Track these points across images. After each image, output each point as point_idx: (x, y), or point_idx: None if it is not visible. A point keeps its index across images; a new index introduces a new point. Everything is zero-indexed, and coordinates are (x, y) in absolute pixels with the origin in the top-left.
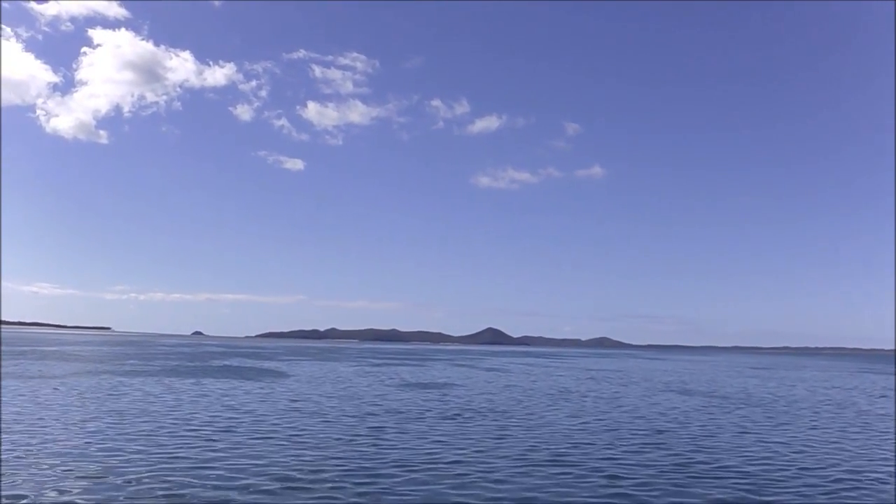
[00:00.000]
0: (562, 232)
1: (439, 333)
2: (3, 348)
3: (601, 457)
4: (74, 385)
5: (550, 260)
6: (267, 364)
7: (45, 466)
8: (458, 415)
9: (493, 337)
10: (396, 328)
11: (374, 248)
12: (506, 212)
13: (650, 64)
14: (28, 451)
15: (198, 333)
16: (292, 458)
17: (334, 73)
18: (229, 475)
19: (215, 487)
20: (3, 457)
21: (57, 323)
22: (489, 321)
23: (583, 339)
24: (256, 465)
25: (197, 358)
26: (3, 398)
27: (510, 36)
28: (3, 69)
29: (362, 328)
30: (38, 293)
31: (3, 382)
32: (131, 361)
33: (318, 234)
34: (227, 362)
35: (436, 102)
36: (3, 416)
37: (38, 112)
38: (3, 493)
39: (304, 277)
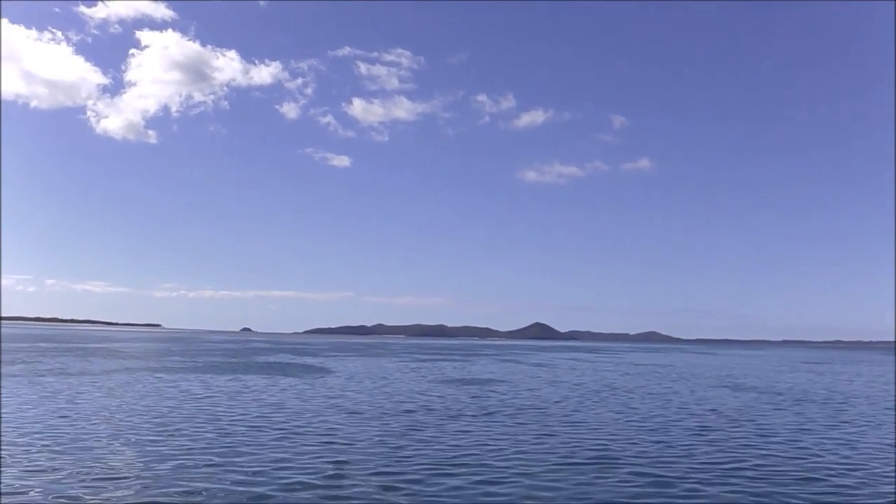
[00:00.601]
0: (609, 226)
1: (486, 328)
2: (52, 345)
3: (648, 457)
4: (112, 381)
5: (598, 254)
6: (310, 360)
7: (65, 461)
8: (499, 412)
9: (540, 332)
10: (443, 324)
11: (421, 244)
12: (553, 206)
13: (699, 54)
14: (46, 445)
15: (246, 330)
16: (321, 456)
17: (379, 70)
18: (253, 474)
19: (237, 484)
20: (23, 451)
21: (108, 320)
22: (536, 316)
23: (631, 333)
24: (282, 464)
25: (241, 354)
26: (37, 395)
27: (555, 29)
28: (54, 73)
29: (409, 324)
30: (90, 291)
31: (44, 380)
32: (174, 358)
33: (365, 230)
34: (270, 358)
35: (481, 97)
36: (33, 413)
37: (89, 113)
38: (23, 487)
39: (351, 274)
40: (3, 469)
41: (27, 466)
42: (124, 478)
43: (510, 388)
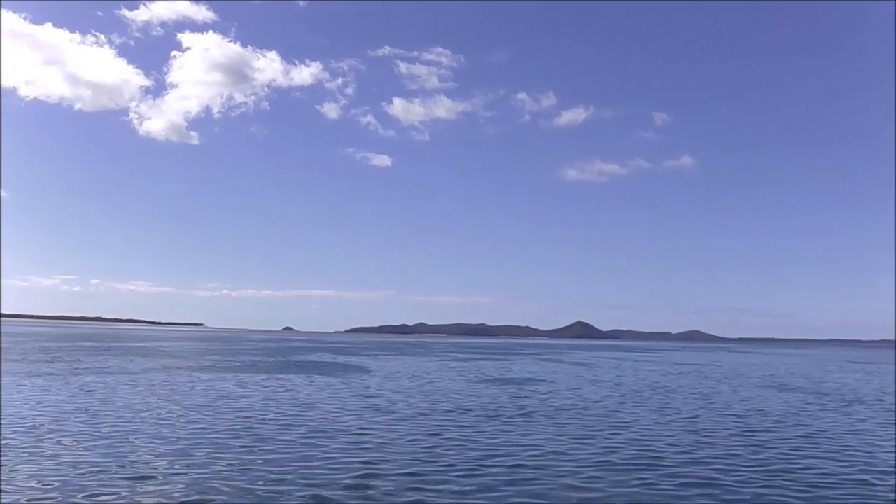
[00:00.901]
0: (651, 223)
1: (527, 328)
2: (92, 344)
3: (690, 458)
4: (148, 379)
5: (640, 252)
6: (349, 359)
7: (92, 458)
8: (537, 412)
9: (581, 331)
10: (485, 323)
11: (462, 243)
12: (594, 204)
13: (740, 49)
14: (78, 442)
15: (288, 329)
16: (352, 456)
17: (419, 69)
18: (282, 473)
19: (267, 483)
20: (50, 448)
21: (152, 320)
22: (578, 315)
23: (673, 332)
24: (311, 464)
25: (280, 353)
26: (72, 393)
27: (595, 26)
28: (98, 75)
29: (451, 323)
30: (133, 291)
31: (80, 378)
32: (213, 357)
33: (406, 229)
34: (309, 358)
35: (521, 95)
36: (63, 410)
37: (132, 115)
38: (47, 485)
39: (392, 273)
40: (27, 465)
41: (51, 463)
42: (148, 476)
43: (550, 387)
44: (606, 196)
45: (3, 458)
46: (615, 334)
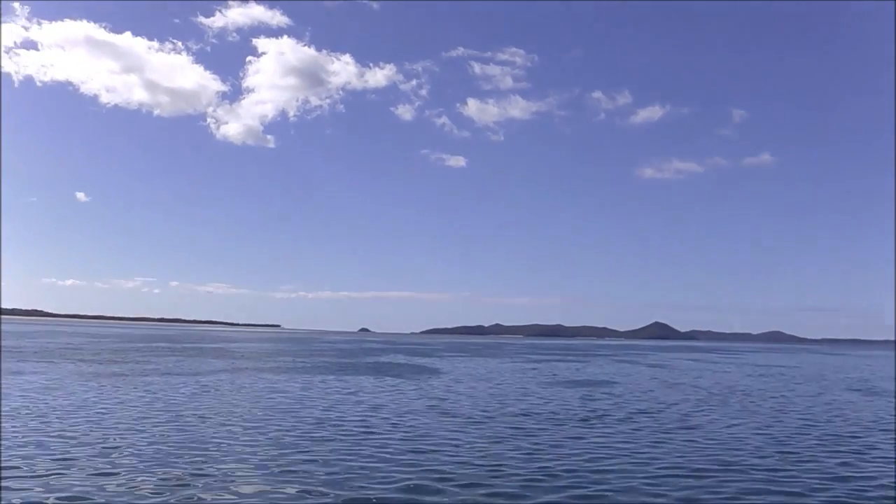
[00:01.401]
0: (730, 222)
1: (604, 328)
2: (166, 345)
3: (769, 467)
4: (211, 380)
5: (719, 251)
6: (421, 360)
7: (144, 457)
8: (608, 415)
9: (659, 331)
10: (561, 323)
11: (540, 243)
12: (671, 203)
13: (821, 43)
14: (134, 443)
15: (364, 330)
16: (410, 462)
17: (493, 70)
18: (341, 477)
19: (323, 485)
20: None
21: (230, 321)
22: (655, 315)
23: (753, 332)
24: (367, 468)
25: (352, 354)
26: (135, 394)
27: (670, 23)
28: (175, 81)
29: (526, 324)
30: (212, 293)
31: (145, 379)
32: (283, 358)
33: (481, 230)
34: (380, 359)
35: (597, 94)
36: (123, 411)
37: (209, 120)
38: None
39: (468, 274)
40: (70, 469)
41: (96, 466)
42: (199, 475)
43: (623, 390)
44: (684, 195)
45: (64, 455)
46: (693, 335)
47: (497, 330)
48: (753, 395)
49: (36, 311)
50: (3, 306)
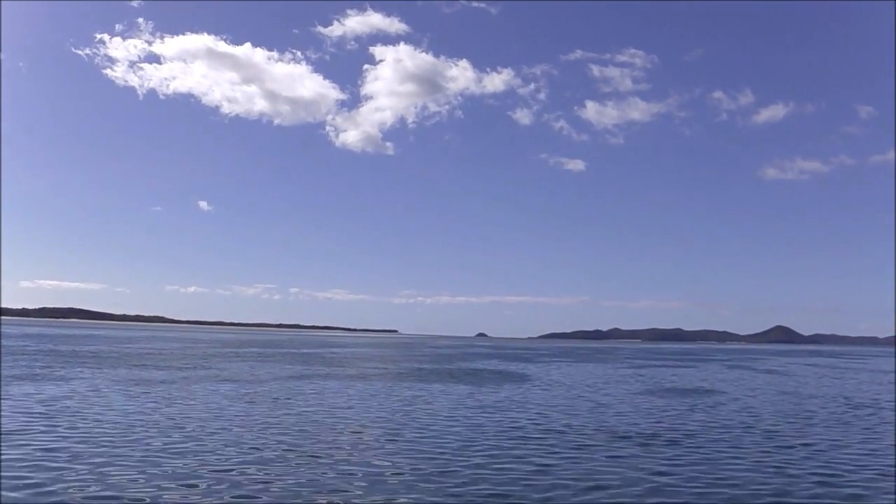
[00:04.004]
0: (857, 221)
1: (724, 332)
2: (263, 350)
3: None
4: (268, 387)
5: (844, 251)
6: (517, 366)
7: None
8: (699, 434)
9: (781, 335)
10: (680, 327)
11: (660, 246)
12: (795, 203)
13: None
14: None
15: (481, 335)
16: (434, 479)
17: (612, 72)
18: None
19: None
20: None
21: (347, 326)
22: (778, 319)
23: (880, 336)
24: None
25: (447, 360)
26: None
27: (791, 20)
28: (295, 91)
29: (645, 328)
30: (331, 299)
31: (216, 384)
32: (372, 363)
33: (601, 234)
34: (475, 364)
35: (718, 94)
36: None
37: (328, 128)
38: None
39: (588, 278)
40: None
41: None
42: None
43: (729, 399)
44: (808, 195)
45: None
46: (817, 339)
47: (615, 334)
48: (872, 408)
49: (158, 317)
50: (128, 313)
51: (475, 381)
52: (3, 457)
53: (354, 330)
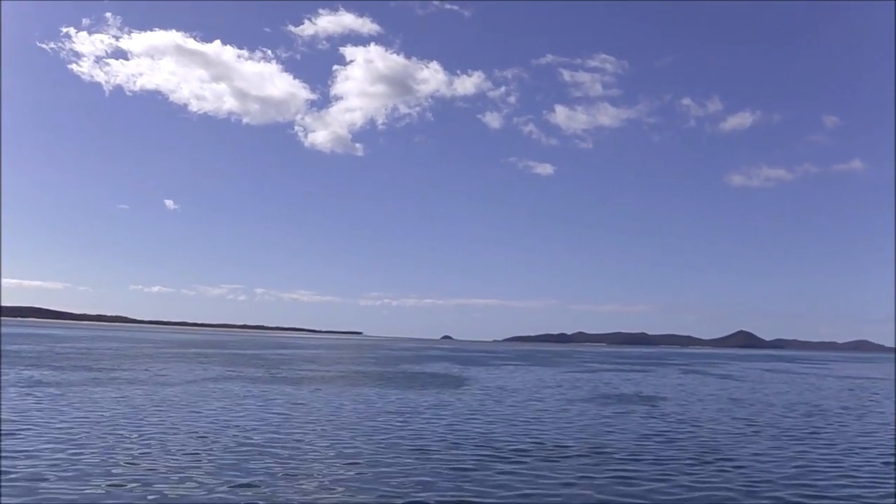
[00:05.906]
0: (820, 229)
1: (688, 337)
2: (239, 351)
3: None
4: (193, 388)
5: (807, 259)
6: (461, 370)
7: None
8: (619, 445)
9: (744, 340)
10: (645, 332)
11: (627, 251)
12: (760, 211)
13: None
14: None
15: (446, 337)
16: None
17: (583, 77)
18: None
19: None
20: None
21: (312, 328)
22: (741, 324)
23: (839, 341)
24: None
25: (397, 362)
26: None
27: (760, 29)
28: (265, 90)
29: (610, 332)
30: (297, 300)
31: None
32: (312, 365)
33: (569, 237)
34: (423, 368)
35: (686, 101)
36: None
37: (297, 128)
38: None
39: (555, 281)
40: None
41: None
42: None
43: (672, 407)
44: (773, 202)
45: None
46: (779, 344)
47: (580, 338)
48: (825, 413)
49: (121, 317)
50: (90, 312)
51: (407, 386)
52: None
53: (319, 332)
